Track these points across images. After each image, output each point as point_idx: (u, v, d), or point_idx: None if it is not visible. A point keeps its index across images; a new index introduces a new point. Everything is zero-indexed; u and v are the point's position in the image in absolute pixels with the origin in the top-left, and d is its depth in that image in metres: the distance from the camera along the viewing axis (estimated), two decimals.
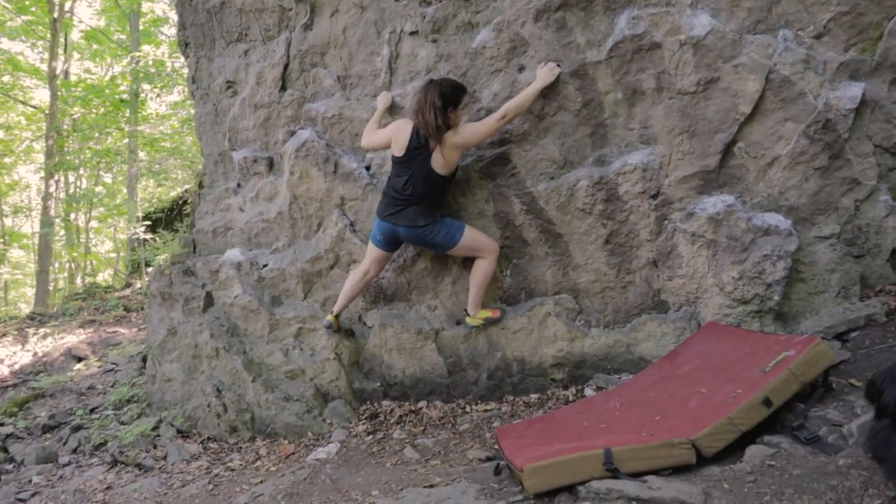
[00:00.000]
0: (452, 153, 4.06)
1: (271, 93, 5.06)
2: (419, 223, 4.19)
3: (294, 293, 5.14)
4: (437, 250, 4.40)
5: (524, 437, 3.39)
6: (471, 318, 4.46)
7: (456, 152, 4.07)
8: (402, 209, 4.20)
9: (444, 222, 4.25)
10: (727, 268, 3.90)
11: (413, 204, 4.17)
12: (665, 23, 3.87)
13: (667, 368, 3.73)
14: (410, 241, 4.40)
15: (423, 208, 4.18)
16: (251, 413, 4.95)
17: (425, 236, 4.24)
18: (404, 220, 4.20)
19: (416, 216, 4.18)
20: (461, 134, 4.03)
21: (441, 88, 3.99)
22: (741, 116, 3.84)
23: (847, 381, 3.27)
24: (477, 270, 4.31)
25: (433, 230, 4.21)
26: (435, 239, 4.23)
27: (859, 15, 3.71)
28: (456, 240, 4.21)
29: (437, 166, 4.07)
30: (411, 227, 4.20)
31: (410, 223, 4.19)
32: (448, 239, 4.22)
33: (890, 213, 3.87)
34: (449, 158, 4.06)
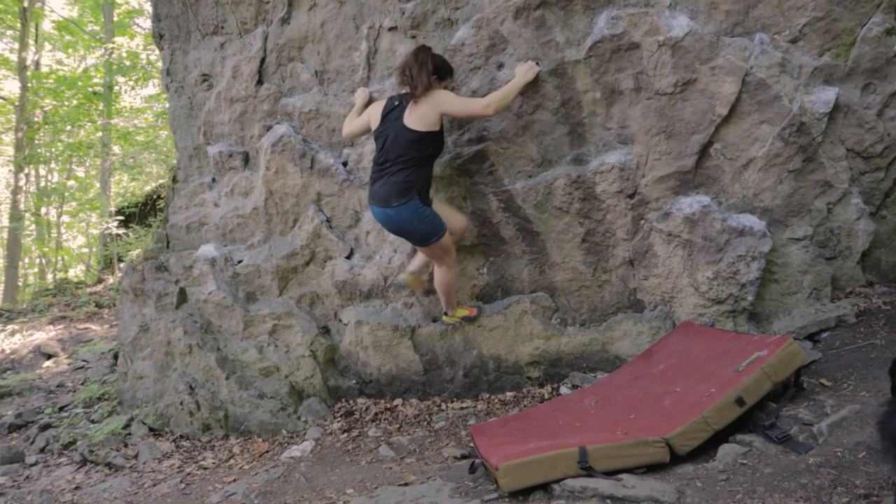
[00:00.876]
0: (429, 111, 3.80)
1: (248, 87, 4.99)
2: (392, 203, 3.84)
3: (269, 290, 5.09)
4: (411, 240, 4.04)
5: (499, 436, 3.38)
6: (448, 316, 4.45)
7: (432, 111, 3.81)
8: (378, 184, 3.92)
9: (430, 216, 3.92)
10: (702, 268, 3.94)
11: (388, 175, 3.87)
12: (644, 23, 3.88)
13: (642, 367, 3.75)
14: (388, 228, 4.03)
15: (398, 183, 3.83)
16: (225, 411, 4.89)
17: (401, 220, 3.87)
18: (378, 200, 3.90)
19: (390, 194, 3.84)
20: (441, 97, 3.83)
21: (434, 56, 3.91)
22: (718, 118, 3.87)
23: (818, 380, 3.31)
24: (441, 280, 4.20)
25: (413, 215, 3.86)
26: (415, 227, 3.89)
27: (833, 21, 3.76)
28: (433, 240, 3.95)
29: (410, 122, 3.81)
30: (383, 206, 3.88)
31: (383, 202, 3.87)
32: (428, 235, 3.93)
33: (861, 217, 3.93)
34: (425, 115, 3.80)
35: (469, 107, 3.84)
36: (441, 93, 3.86)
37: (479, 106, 3.81)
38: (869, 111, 3.83)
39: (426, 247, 4.03)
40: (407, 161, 3.85)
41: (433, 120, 3.83)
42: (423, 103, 3.83)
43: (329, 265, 4.87)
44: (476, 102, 3.83)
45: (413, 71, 3.83)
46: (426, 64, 3.84)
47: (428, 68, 3.84)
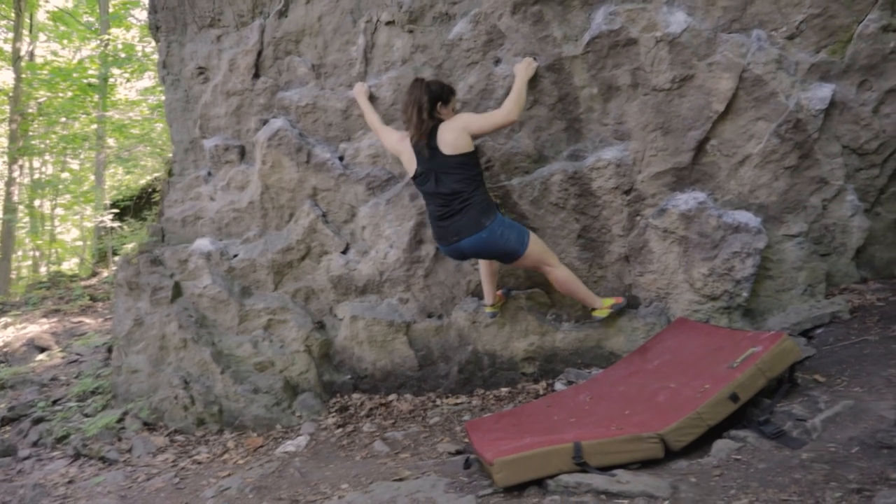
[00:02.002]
0: (459, 135, 3.77)
1: (244, 80, 4.97)
2: (484, 224, 3.77)
3: (264, 284, 5.08)
4: (506, 257, 3.90)
5: (494, 431, 3.39)
6: (598, 310, 4.13)
7: (462, 135, 3.77)
8: (454, 218, 3.82)
9: (512, 225, 3.87)
10: (697, 264, 3.94)
11: (459, 203, 3.79)
12: (642, 19, 3.88)
13: (636, 363, 3.76)
14: (479, 253, 3.92)
15: (479, 204, 3.79)
16: (219, 405, 4.88)
17: (494, 237, 3.79)
18: (466, 230, 3.79)
19: (478, 216, 3.77)
20: (465, 120, 3.80)
21: (428, 86, 3.86)
22: (714, 114, 3.87)
23: (812, 376, 3.32)
24: (562, 282, 4.01)
25: (503, 228, 3.80)
26: (506, 237, 3.81)
27: (830, 17, 3.76)
28: (526, 242, 3.84)
29: (447, 150, 3.77)
30: (475, 233, 3.78)
31: (474, 229, 3.78)
32: (519, 242, 3.83)
33: (856, 213, 3.94)
34: (457, 139, 3.77)
35: (493, 120, 3.81)
36: (461, 117, 3.84)
37: (502, 116, 3.79)
38: (865, 108, 3.84)
39: (522, 256, 3.88)
40: (469, 182, 3.80)
41: (466, 142, 3.79)
42: (449, 130, 3.79)
43: (324, 260, 4.86)
44: (497, 114, 3.80)
45: (413, 114, 3.81)
46: (421, 101, 3.79)
47: (425, 105, 3.79)
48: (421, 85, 3.86)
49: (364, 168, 4.62)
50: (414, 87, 3.88)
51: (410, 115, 3.84)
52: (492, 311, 4.34)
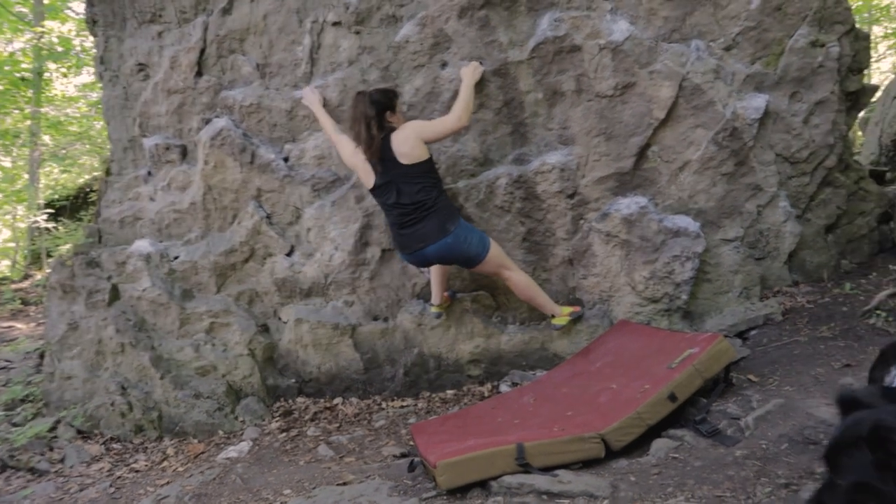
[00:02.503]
0: (414, 144, 3.75)
1: (186, 78, 4.86)
2: (449, 229, 3.77)
3: (206, 287, 4.96)
4: (468, 262, 3.91)
5: (439, 434, 3.39)
6: (557, 319, 4.14)
7: (416, 143, 3.76)
8: (417, 225, 3.80)
9: (472, 228, 3.91)
10: (639, 267, 4.03)
11: (422, 211, 3.78)
12: (586, 27, 3.95)
13: (580, 365, 3.82)
14: (443, 258, 3.91)
15: (441, 210, 3.79)
16: (158, 411, 4.75)
17: (459, 241, 3.79)
18: (431, 237, 3.78)
19: (443, 223, 3.78)
20: (414, 127, 3.80)
21: (371, 97, 3.81)
22: (655, 121, 3.97)
23: (746, 376, 3.44)
24: (521, 287, 4.03)
25: (467, 232, 3.82)
26: (470, 241, 3.82)
27: (764, 31, 3.91)
28: (487, 246, 3.87)
29: (405, 159, 3.75)
30: (440, 238, 3.77)
31: (438, 236, 3.77)
32: (480, 247, 3.85)
33: (788, 219, 4.10)
34: (412, 149, 3.75)
35: (446, 126, 3.82)
36: (413, 125, 3.83)
37: (453, 121, 3.80)
38: (796, 118, 4.00)
39: (483, 261, 3.90)
40: (430, 189, 3.79)
41: (421, 150, 3.78)
42: (402, 141, 3.76)
43: (269, 262, 4.79)
44: (448, 120, 3.82)
45: (361, 130, 3.78)
46: (368, 116, 3.76)
47: (373, 120, 3.76)
48: (365, 99, 3.82)
49: (309, 169, 4.57)
50: (358, 101, 3.84)
51: (359, 132, 3.80)
52: (437, 311, 4.34)
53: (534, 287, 4.07)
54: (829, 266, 4.25)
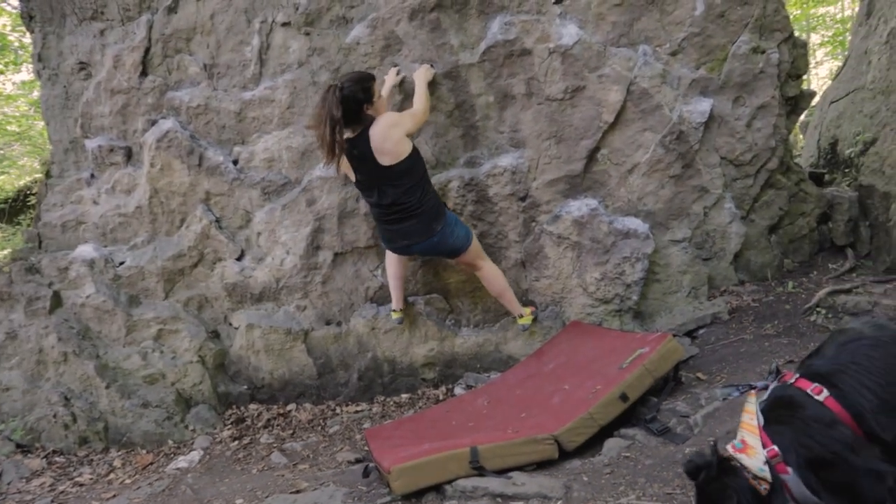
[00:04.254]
0: (396, 143, 3.58)
1: (130, 78, 4.72)
2: (435, 229, 3.72)
3: (154, 292, 4.83)
4: (453, 254, 3.92)
5: (393, 438, 3.38)
6: (522, 319, 4.13)
7: (398, 142, 3.59)
8: (407, 224, 3.73)
9: (457, 221, 3.89)
10: (590, 269, 4.09)
11: (408, 210, 3.69)
12: (536, 30, 3.99)
13: (533, 366, 3.85)
14: (428, 253, 3.96)
15: (428, 210, 3.72)
16: (104, 422, 4.60)
17: (445, 238, 3.77)
18: (418, 236, 3.73)
19: (429, 222, 3.72)
20: (392, 123, 3.60)
21: (343, 93, 3.51)
22: (604, 124, 4.03)
23: (695, 374, 3.52)
24: (494, 281, 4.04)
25: (453, 226, 3.80)
26: (456, 234, 3.81)
27: (708, 37, 4.01)
28: (471, 239, 3.89)
29: (387, 161, 3.59)
30: (426, 238, 3.74)
31: (424, 236, 3.73)
32: (465, 238, 3.86)
33: (733, 220, 4.21)
34: (394, 148, 3.58)
35: (416, 120, 3.77)
36: (390, 119, 3.63)
37: (422, 112, 3.81)
38: (739, 122, 4.11)
39: (465, 252, 3.90)
40: (415, 189, 3.68)
41: (403, 146, 3.63)
42: (383, 138, 3.57)
43: (218, 267, 4.69)
44: (416, 114, 3.78)
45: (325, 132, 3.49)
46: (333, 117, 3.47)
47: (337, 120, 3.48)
48: (334, 96, 3.50)
49: (259, 172, 4.49)
50: (326, 98, 3.53)
51: (323, 134, 3.51)
52: (399, 316, 4.30)
53: (505, 283, 4.10)
54: (772, 265, 4.38)
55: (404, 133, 3.65)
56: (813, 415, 1.95)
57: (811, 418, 1.94)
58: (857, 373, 2.02)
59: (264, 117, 4.43)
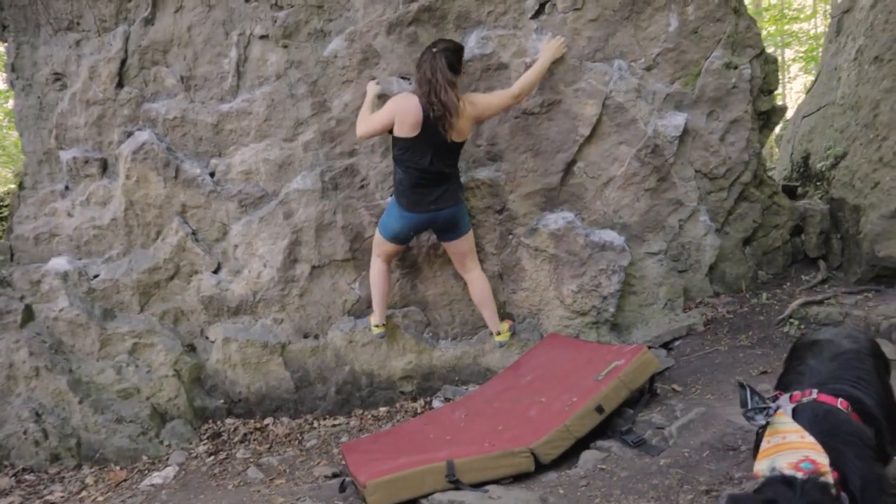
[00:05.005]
0: (467, 124, 3.77)
1: (106, 89, 4.68)
2: (460, 199, 3.94)
3: (129, 306, 4.78)
4: (453, 235, 4.00)
5: (370, 452, 3.36)
6: (499, 335, 4.16)
7: (470, 122, 3.79)
8: (439, 190, 3.82)
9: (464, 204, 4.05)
10: (567, 281, 4.11)
11: (446, 179, 3.85)
12: (512, 45, 4.03)
13: (510, 379, 3.86)
14: (446, 224, 3.95)
15: (457, 184, 3.93)
16: (77, 438, 4.52)
17: (461, 213, 3.96)
18: (447, 202, 3.85)
19: (455, 191, 3.90)
20: (476, 105, 3.76)
21: (447, 57, 3.63)
22: (581, 138, 4.07)
23: (670, 386, 3.55)
24: (481, 286, 4.09)
25: (464, 208, 4.01)
26: (463, 219, 3.98)
27: (682, 52, 4.07)
28: (469, 224, 4.05)
29: (455, 137, 3.75)
30: (453, 205, 3.88)
31: (452, 202, 3.87)
32: (468, 222, 4.04)
33: (708, 233, 4.26)
34: (465, 128, 3.77)
35: (502, 103, 3.87)
36: (476, 101, 3.78)
37: (510, 97, 3.85)
38: (713, 136, 4.17)
39: (466, 235, 4.02)
40: (454, 164, 3.91)
41: (469, 130, 3.86)
42: (461, 116, 3.69)
43: (195, 280, 4.65)
44: (506, 96, 3.84)
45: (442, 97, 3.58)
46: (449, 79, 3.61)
47: (451, 81, 3.62)
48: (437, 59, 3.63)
49: (236, 184, 4.47)
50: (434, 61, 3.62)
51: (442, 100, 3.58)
52: (382, 331, 4.26)
53: (490, 294, 4.12)
54: (746, 277, 4.43)
55: (477, 120, 3.88)
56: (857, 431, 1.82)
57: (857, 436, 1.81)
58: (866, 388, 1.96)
59: (242, 129, 4.42)
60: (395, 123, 3.72)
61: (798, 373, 2.13)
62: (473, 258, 4.09)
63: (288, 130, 4.34)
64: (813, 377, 2.04)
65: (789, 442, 1.75)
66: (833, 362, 2.08)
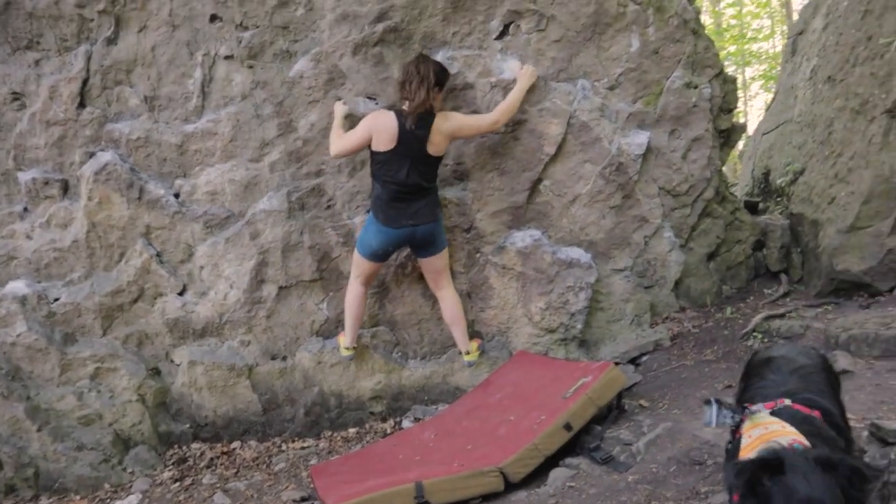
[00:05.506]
0: (444, 139, 3.83)
1: (67, 109, 4.61)
2: (437, 215, 3.94)
3: (91, 329, 4.67)
4: (428, 252, 4.00)
5: (339, 474, 3.32)
6: (468, 355, 4.15)
7: (447, 138, 3.85)
8: (416, 205, 3.84)
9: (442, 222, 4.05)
10: (535, 299, 4.13)
11: (424, 194, 3.87)
12: (477, 65, 4.07)
13: (479, 397, 3.85)
14: (423, 241, 3.95)
15: (434, 198, 3.94)
16: (35, 468, 4.38)
17: (438, 231, 3.97)
18: (424, 217, 3.87)
19: (433, 208, 3.91)
20: (451, 120, 3.84)
21: (435, 66, 3.79)
22: (546, 157, 4.12)
23: (638, 401, 3.57)
24: (453, 304, 4.09)
25: (441, 225, 4.01)
26: (440, 230, 3.99)
27: (644, 72, 4.15)
28: (445, 241, 4.05)
29: (432, 150, 3.81)
30: (431, 221, 3.89)
31: (430, 218, 3.88)
32: (444, 239, 4.04)
33: (673, 248, 4.32)
34: (441, 142, 3.83)
35: (480, 127, 3.92)
36: (455, 120, 3.86)
37: (488, 123, 3.90)
38: (675, 154, 4.25)
39: (442, 253, 4.02)
40: (432, 179, 3.93)
41: (446, 146, 3.90)
42: (439, 132, 3.79)
43: (159, 302, 4.57)
44: (485, 120, 3.90)
45: (415, 87, 3.71)
46: (430, 80, 3.72)
47: (431, 83, 3.72)
48: (429, 62, 3.80)
49: (202, 205, 4.43)
50: (421, 62, 3.79)
51: (415, 91, 3.70)
52: (351, 353, 4.24)
53: (462, 313, 4.13)
54: (711, 292, 4.50)
55: (454, 137, 3.91)
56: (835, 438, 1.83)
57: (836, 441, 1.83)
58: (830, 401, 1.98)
59: (207, 150, 4.38)
60: (373, 138, 3.81)
61: (761, 387, 2.13)
62: (447, 276, 4.09)
63: (254, 151, 4.32)
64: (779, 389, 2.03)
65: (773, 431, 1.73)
66: (793, 376, 2.09)
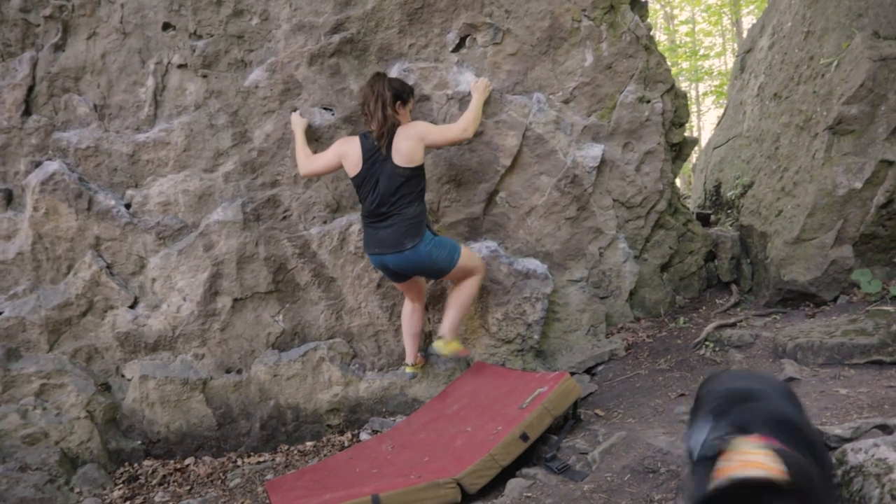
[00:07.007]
0: (414, 146, 3.68)
1: (11, 117, 4.47)
2: (406, 245, 3.66)
3: (37, 345, 4.52)
4: (435, 274, 3.86)
5: (295, 489, 3.27)
6: (443, 342, 3.92)
7: (417, 145, 3.69)
8: (382, 232, 3.70)
9: (442, 243, 3.79)
10: (492, 309, 4.15)
11: (391, 218, 3.68)
12: (434, 77, 4.09)
13: (437, 409, 3.84)
14: (405, 271, 3.80)
15: (407, 222, 3.67)
16: None
17: (420, 260, 3.70)
18: (388, 246, 3.69)
19: (403, 236, 3.66)
20: (416, 127, 3.75)
21: (391, 83, 3.74)
22: (502, 168, 4.15)
23: (594, 411, 3.61)
24: (463, 288, 3.90)
25: (430, 247, 3.71)
26: (434, 257, 3.71)
27: (598, 86, 4.23)
28: (455, 258, 3.78)
29: (400, 161, 3.66)
30: (398, 252, 3.67)
31: (395, 248, 3.67)
32: (450, 258, 3.76)
33: (627, 259, 4.39)
34: (411, 151, 3.67)
35: (449, 135, 3.81)
36: (418, 125, 3.78)
37: (457, 132, 3.80)
38: (629, 167, 4.33)
39: (452, 270, 3.81)
40: (408, 200, 3.70)
41: (419, 154, 3.72)
42: (405, 138, 3.68)
43: (109, 315, 4.45)
44: (453, 129, 3.81)
45: (372, 107, 3.67)
46: (384, 95, 3.66)
47: (386, 100, 3.66)
48: (383, 80, 3.74)
49: (154, 216, 4.33)
50: (375, 81, 3.74)
51: (373, 111, 3.66)
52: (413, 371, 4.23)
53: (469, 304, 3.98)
54: (665, 302, 4.59)
55: (424, 143, 3.75)
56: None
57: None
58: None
59: (159, 160, 4.30)
60: (344, 165, 3.82)
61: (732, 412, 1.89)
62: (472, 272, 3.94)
63: (208, 161, 4.26)
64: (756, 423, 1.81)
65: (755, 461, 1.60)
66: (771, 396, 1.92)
